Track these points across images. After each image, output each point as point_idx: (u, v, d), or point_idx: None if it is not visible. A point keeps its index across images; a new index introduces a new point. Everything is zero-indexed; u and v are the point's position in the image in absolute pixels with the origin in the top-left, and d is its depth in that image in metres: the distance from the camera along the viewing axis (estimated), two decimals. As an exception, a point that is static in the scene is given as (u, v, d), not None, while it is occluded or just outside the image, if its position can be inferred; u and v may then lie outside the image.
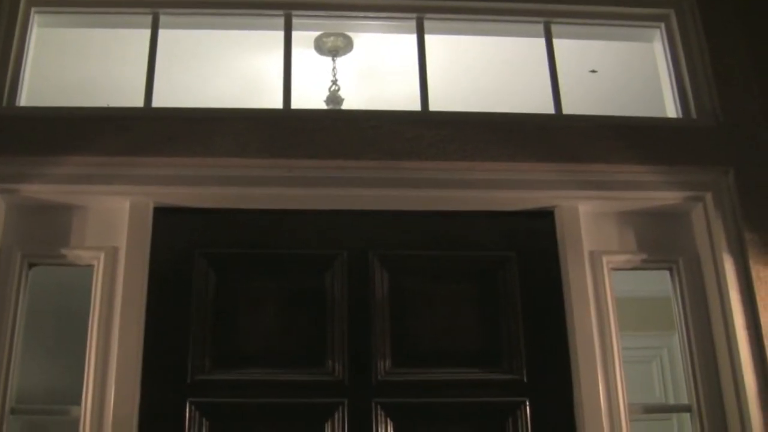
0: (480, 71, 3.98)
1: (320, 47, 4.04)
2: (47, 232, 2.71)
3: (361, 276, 2.71)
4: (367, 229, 2.77)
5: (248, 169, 2.75)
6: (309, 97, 3.80)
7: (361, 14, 3.09)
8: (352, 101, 4.18)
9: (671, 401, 4.78)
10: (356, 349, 2.63)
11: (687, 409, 2.73)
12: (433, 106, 2.92)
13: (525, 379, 2.65)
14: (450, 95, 3.03)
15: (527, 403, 2.62)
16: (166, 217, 2.72)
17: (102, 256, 2.66)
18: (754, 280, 2.72)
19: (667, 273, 2.86)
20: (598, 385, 2.61)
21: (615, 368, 2.66)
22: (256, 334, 2.65)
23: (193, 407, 2.55)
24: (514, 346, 2.68)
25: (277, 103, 2.90)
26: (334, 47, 4.05)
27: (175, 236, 2.72)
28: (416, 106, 2.93)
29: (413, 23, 3.05)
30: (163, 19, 2.99)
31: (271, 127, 2.80)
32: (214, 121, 2.80)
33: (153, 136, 2.74)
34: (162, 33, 2.97)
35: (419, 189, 2.78)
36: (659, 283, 2.90)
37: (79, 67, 3.89)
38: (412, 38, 3.05)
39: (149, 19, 2.99)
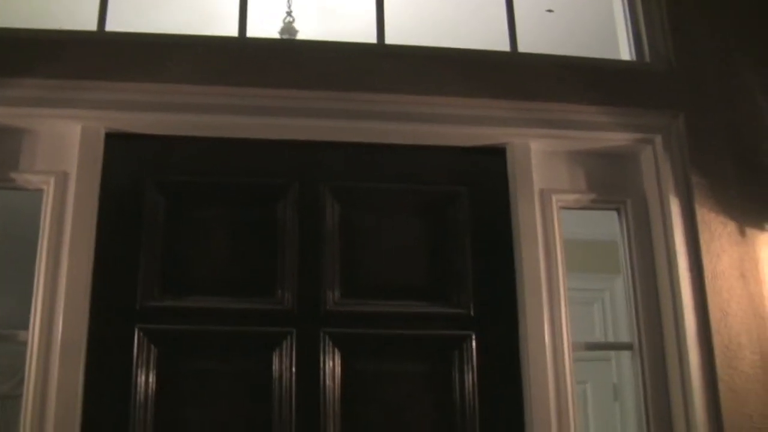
0: (436, 7, 3.96)
1: (277, -23, 3.98)
2: (-5, 154, 2.66)
3: (313, 207, 2.72)
4: (319, 161, 2.77)
5: (201, 97, 2.72)
6: (263, 28, 3.74)
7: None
8: (306, 34, 4.13)
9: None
10: (306, 280, 2.64)
11: (628, 347, 2.79)
12: (389, 40, 2.91)
13: (472, 313, 2.69)
14: (406, 30, 3.00)
15: (473, 337, 2.66)
16: (117, 143, 2.69)
17: (52, 180, 2.63)
18: (699, 223, 2.77)
19: (614, 214, 2.90)
20: (543, 322, 2.66)
21: (560, 306, 2.70)
22: (206, 262, 2.65)
23: (141, 333, 2.55)
24: (462, 281, 2.71)
25: (232, 31, 2.87)
26: (290, -22, 4.00)
27: (126, 162, 2.70)
28: (372, 41, 2.91)
29: (372, -45, 3.02)
30: (119, -59, 2.93)
31: (225, 55, 2.78)
32: (169, 47, 2.77)
33: (106, 61, 2.71)
34: (117, -44, 2.92)
35: (372, 121, 2.77)
36: (604, 225, 2.94)
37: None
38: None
39: (105, -59, 2.92)
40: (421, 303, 2.69)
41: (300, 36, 4.13)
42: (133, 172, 2.69)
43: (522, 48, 2.96)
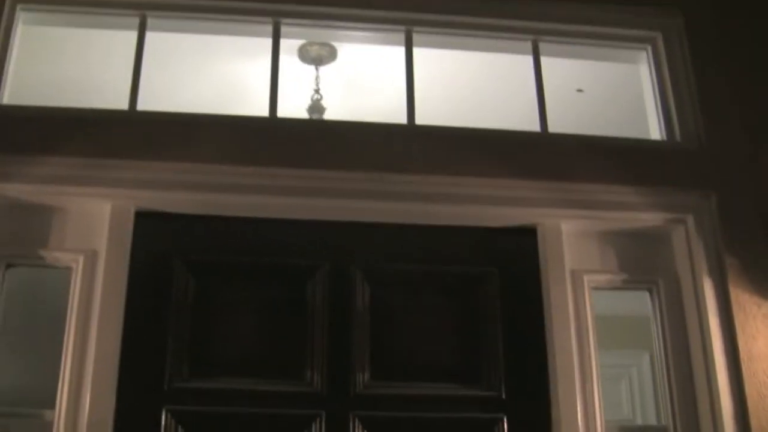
0: (466, 86, 3.98)
1: (304, 55, 4.01)
2: (26, 232, 2.67)
3: (343, 288, 2.71)
4: (349, 241, 2.76)
5: (231, 176, 2.72)
6: (291, 105, 3.77)
7: (350, 24, 3.08)
8: (334, 111, 4.16)
9: (638, 421, 4.83)
10: (335, 361, 2.62)
11: (663, 430, 2.74)
12: (419, 119, 2.92)
13: (503, 396, 2.65)
14: (435, 109, 3.02)
15: (505, 420, 2.63)
16: (146, 222, 2.69)
17: (81, 258, 2.63)
18: (732, 304, 2.74)
19: (645, 294, 2.87)
20: (576, 404, 2.62)
21: (593, 387, 2.66)
22: (235, 342, 2.63)
23: (169, 414, 2.53)
24: (493, 363, 2.68)
25: (262, 111, 2.89)
26: (318, 56, 4.03)
27: (156, 241, 2.69)
28: (399, 119, 2.93)
29: (402, 36, 3.05)
30: (150, 21, 2.97)
31: (255, 135, 2.80)
32: (199, 126, 2.79)
33: (136, 140, 2.73)
34: (148, 35, 2.95)
35: (403, 202, 2.77)
36: (633, 301, 2.91)
37: (63, 66, 3.85)
38: (397, 50, 3.05)
39: (137, 20, 2.97)
40: (451, 385, 2.66)
41: (328, 113, 4.16)
42: (162, 250, 2.69)
43: (552, 128, 2.97)
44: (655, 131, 3.06)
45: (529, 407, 2.64)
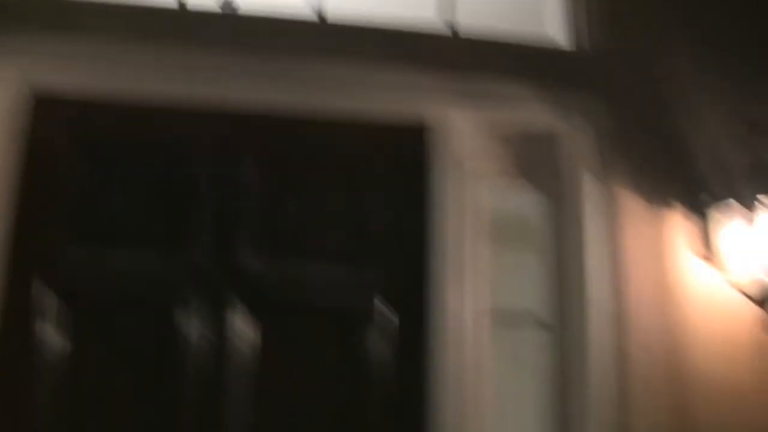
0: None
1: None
2: None
3: (233, 168, 2.74)
4: (243, 128, 2.79)
5: (127, 55, 2.72)
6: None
7: None
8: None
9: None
10: (220, 238, 2.67)
11: (543, 324, 2.84)
12: (327, 14, 2.92)
13: (388, 281, 2.73)
14: (343, 2, 3.01)
15: (387, 301, 2.70)
16: (40, 101, 2.68)
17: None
18: (617, 204, 2.85)
19: (535, 192, 2.95)
20: (457, 291, 2.71)
21: (476, 276, 2.75)
22: (121, 218, 2.67)
23: (50, 287, 2.57)
24: (381, 248, 2.75)
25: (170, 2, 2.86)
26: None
27: (48, 119, 2.69)
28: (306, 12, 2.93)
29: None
30: None
31: (162, 24, 2.79)
32: (100, 7, 2.76)
33: (33, 18, 2.70)
34: None
35: (297, 91, 2.79)
36: (520, 198, 2.97)
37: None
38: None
39: None
40: (336, 267, 2.72)
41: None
42: (53, 127, 2.69)
43: (452, 24, 2.98)
44: (553, 33, 3.08)
45: (411, 292, 2.72)
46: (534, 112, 2.91)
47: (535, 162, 2.93)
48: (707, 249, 2.84)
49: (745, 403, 2.76)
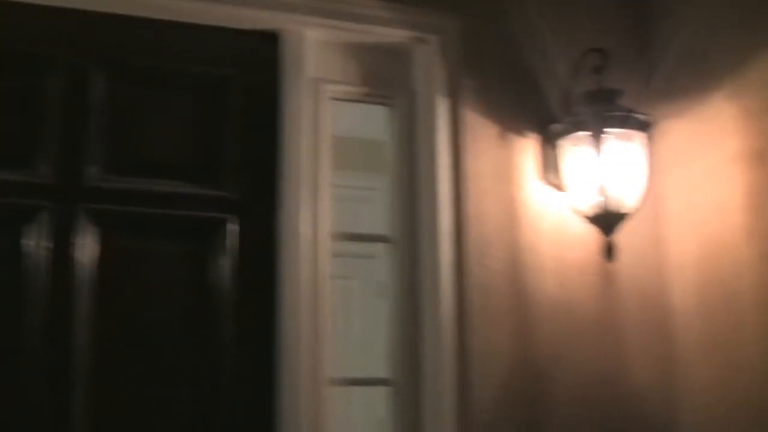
0: None
1: None
2: None
3: (79, 80, 2.60)
4: (90, 32, 2.65)
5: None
6: None
7: None
8: None
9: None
10: (67, 154, 2.55)
11: (385, 239, 2.85)
12: None
13: (234, 197, 2.67)
14: None
15: (234, 221, 2.65)
16: None
17: None
18: (463, 124, 2.87)
19: (385, 109, 2.93)
20: (303, 212, 2.68)
21: (323, 197, 2.73)
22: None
23: None
24: (228, 165, 2.69)
25: None
26: None
27: None
28: None
29: None
30: None
31: None
32: None
33: None
34: None
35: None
36: (377, 125, 2.97)
37: None
38: None
39: None
40: (185, 184, 2.65)
41: None
42: None
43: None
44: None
45: (259, 211, 2.68)
46: (388, 31, 2.88)
47: (386, 81, 2.91)
48: (554, 176, 2.89)
49: (583, 326, 2.86)
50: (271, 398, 2.58)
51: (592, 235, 2.86)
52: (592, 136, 2.76)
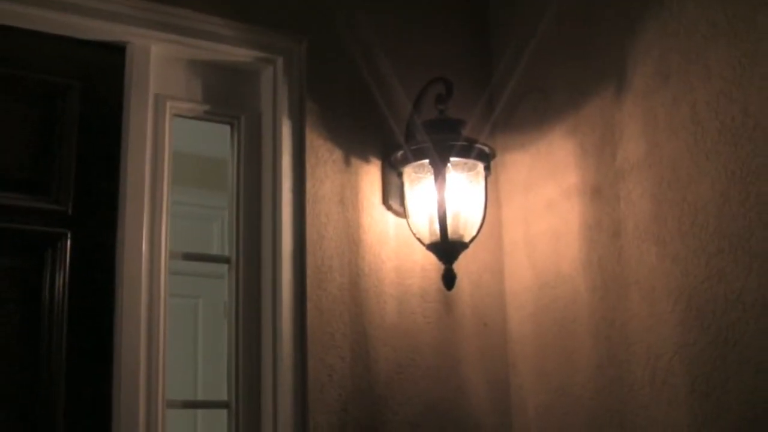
0: None
1: None
2: None
3: None
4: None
5: None
6: None
7: None
8: None
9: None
10: None
11: (226, 260, 2.83)
12: None
13: (70, 212, 2.60)
14: None
15: (69, 236, 2.58)
16: None
17: None
18: (307, 147, 2.86)
19: (228, 128, 2.92)
20: (141, 229, 2.63)
21: (162, 215, 2.68)
22: None
23: None
24: (65, 178, 2.61)
25: None
26: None
27: None
28: None
29: None
30: None
31: None
32: None
33: None
34: None
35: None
36: (223, 144, 2.95)
37: None
38: None
39: None
40: (18, 196, 2.55)
41: None
42: None
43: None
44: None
45: (95, 228, 2.62)
46: (235, 50, 2.87)
47: (232, 100, 2.90)
48: (397, 203, 2.92)
49: (423, 351, 2.91)
50: (107, 421, 2.51)
51: (432, 262, 2.89)
52: (433, 164, 2.78)
